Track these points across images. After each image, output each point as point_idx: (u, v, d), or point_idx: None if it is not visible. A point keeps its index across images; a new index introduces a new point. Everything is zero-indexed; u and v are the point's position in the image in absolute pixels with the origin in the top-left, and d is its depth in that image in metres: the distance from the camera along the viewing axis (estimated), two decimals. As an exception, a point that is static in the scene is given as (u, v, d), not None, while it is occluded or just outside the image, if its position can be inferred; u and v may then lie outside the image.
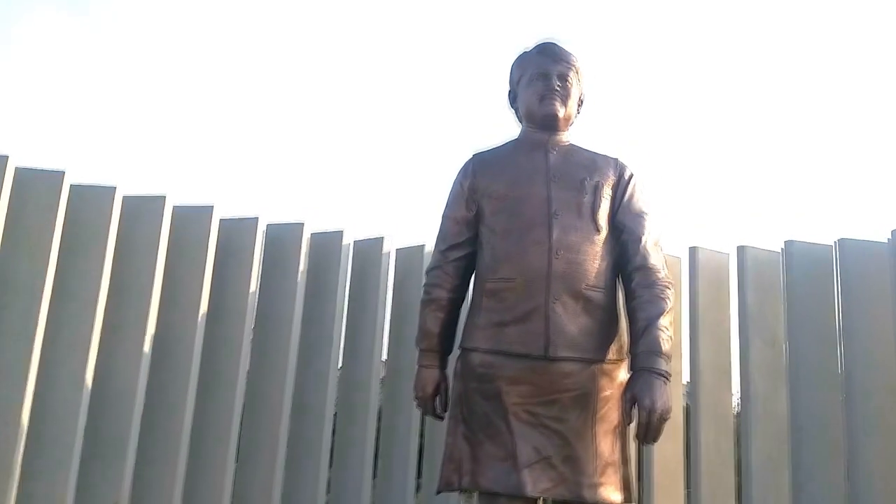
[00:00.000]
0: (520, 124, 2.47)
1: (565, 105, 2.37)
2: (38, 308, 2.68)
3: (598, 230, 2.24)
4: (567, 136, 2.42)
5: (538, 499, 2.17)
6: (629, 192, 2.33)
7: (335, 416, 3.23)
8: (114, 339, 2.85)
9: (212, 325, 3.05)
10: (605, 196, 2.29)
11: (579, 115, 2.46)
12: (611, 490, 2.15)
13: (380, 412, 3.26)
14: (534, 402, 2.16)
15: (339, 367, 3.30)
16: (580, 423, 2.16)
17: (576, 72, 2.40)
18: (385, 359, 3.36)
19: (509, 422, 2.15)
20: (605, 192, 2.30)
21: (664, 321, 2.16)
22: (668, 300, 2.20)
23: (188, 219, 3.06)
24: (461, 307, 2.40)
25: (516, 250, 2.21)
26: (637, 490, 2.37)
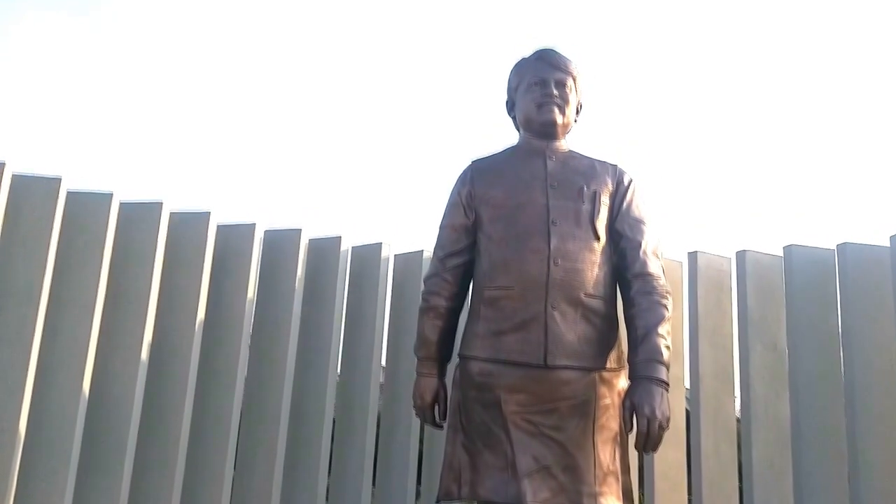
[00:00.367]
0: (518, 132, 2.45)
1: (563, 112, 2.35)
2: (35, 314, 2.67)
3: (597, 238, 2.23)
4: (565, 143, 2.40)
5: None
6: (628, 200, 2.32)
7: (334, 422, 3.22)
8: (111, 345, 2.84)
9: (209, 332, 3.04)
10: (604, 203, 2.28)
11: (577, 122, 2.44)
12: (611, 499, 2.13)
13: (379, 418, 3.25)
14: (533, 410, 2.14)
15: (338, 374, 3.29)
16: (579, 432, 2.15)
17: (574, 79, 2.39)
18: (384, 365, 3.35)
19: (508, 431, 2.13)
20: (604, 199, 2.28)
21: (663, 329, 2.15)
22: (667, 308, 2.19)
23: (185, 225, 3.05)
24: (460, 315, 2.38)
25: (514, 258, 2.19)
26: (638, 499, 2.35)
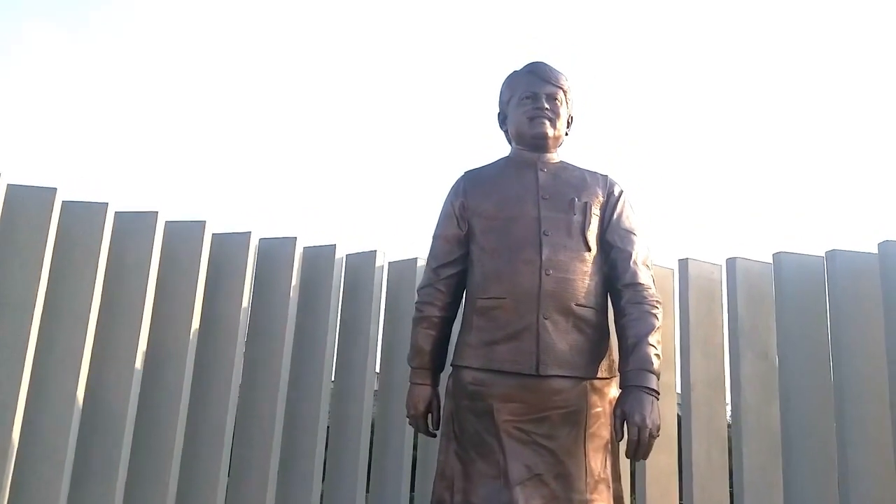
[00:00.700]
0: (510, 145, 2.48)
1: (554, 126, 2.38)
2: (30, 324, 2.68)
3: (588, 248, 2.26)
4: (556, 155, 2.43)
5: None
6: (618, 211, 2.34)
7: (328, 429, 3.24)
8: (106, 354, 2.85)
9: (204, 340, 3.06)
10: (595, 215, 2.31)
11: (568, 134, 2.47)
12: (603, 507, 2.15)
13: (373, 425, 3.27)
14: (525, 419, 2.17)
15: (332, 381, 3.31)
16: (571, 440, 2.17)
17: (564, 92, 2.41)
18: (378, 372, 3.37)
19: (501, 439, 2.16)
20: (595, 210, 2.31)
21: (653, 338, 2.17)
22: (657, 317, 2.21)
23: (180, 234, 3.07)
24: (453, 324, 2.41)
25: (507, 269, 2.22)
26: (629, 505, 2.37)
